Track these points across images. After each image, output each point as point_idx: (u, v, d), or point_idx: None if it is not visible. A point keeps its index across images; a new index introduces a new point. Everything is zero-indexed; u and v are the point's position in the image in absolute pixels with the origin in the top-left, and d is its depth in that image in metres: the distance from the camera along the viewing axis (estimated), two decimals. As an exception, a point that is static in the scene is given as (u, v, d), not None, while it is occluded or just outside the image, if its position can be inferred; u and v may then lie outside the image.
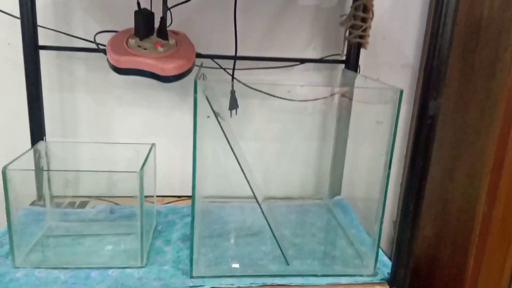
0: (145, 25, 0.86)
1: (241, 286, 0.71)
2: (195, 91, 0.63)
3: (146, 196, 0.88)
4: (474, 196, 0.83)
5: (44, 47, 0.92)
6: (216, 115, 0.70)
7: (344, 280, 0.74)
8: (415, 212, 0.68)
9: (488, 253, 0.83)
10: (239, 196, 1.03)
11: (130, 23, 0.86)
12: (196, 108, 0.64)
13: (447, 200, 0.90)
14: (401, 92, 0.67)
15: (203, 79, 0.77)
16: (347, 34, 0.97)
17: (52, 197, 0.88)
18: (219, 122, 0.69)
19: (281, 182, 1.07)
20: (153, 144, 0.85)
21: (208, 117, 0.70)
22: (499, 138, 0.77)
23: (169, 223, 0.90)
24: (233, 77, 0.97)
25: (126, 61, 0.83)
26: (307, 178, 1.10)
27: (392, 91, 0.69)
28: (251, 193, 0.94)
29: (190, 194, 1.08)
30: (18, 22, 0.87)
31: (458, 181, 0.87)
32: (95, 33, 0.90)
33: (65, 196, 0.97)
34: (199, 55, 0.93)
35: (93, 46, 0.92)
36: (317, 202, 1.06)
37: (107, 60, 0.85)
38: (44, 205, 0.88)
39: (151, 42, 0.86)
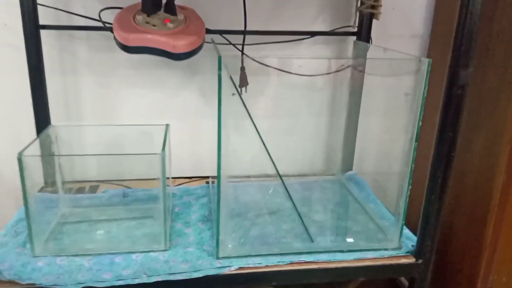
0: (152, 0, 0.82)
1: (268, 265, 0.70)
2: (220, 68, 0.61)
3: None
4: (492, 166, 0.82)
5: (45, 27, 0.87)
6: (239, 92, 0.68)
7: (370, 254, 0.74)
8: (443, 184, 0.68)
9: (506, 222, 0.84)
10: (252, 175, 1.01)
11: (134, -1, 0.82)
12: (220, 86, 0.62)
13: (464, 169, 0.90)
14: (429, 62, 0.65)
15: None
16: (359, 4, 0.95)
17: (64, 183, 0.85)
18: (242, 100, 0.67)
19: (293, 159, 1.06)
20: (167, 125, 0.82)
21: (233, 94, 0.67)
22: (520, 107, 0.77)
23: (185, 204, 0.89)
24: (242, 53, 0.94)
25: (135, 39, 0.79)
26: (319, 154, 1.09)
27: (419, 61, 0.67)
28: (264, 172, 0.93)
29: (200, 174, 1.07)
30: (14, 2, 0.82)
31: (476, 151, 0.87)
32: (95, 11, 0.86)
33: (74, 181, 0.95)
34: (207, 31, 0.90)
35: (96, 24, 0.88)
36: (330, 178, 1.05)
37: (114, 38, 0.81)
38: (54, 192, 0.85)
39: (159, 18, 0.82)
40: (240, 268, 0.69)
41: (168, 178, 0.85)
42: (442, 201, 0.69)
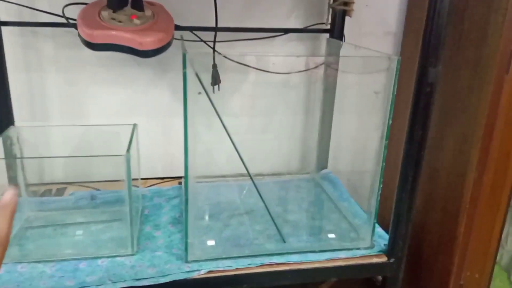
0: (119, -5, 0.79)
1: (239, 267, 0.68)
2: (184, 66, 0.59)
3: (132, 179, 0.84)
4: (464, 162, 0.83)
5: (6, 23, 0.84)
6: (206, 90, 0.66)
7: (342, 254, 0.73)
8: (413, 182, 0.67)
9: (478, 219, 0.84)
10: (224, 175, 0.99)
11: (100, -6, 0.79)
12: (185, 84, 0.60)
13: (436, 166, 0.90)
14: (399, 60, 0.64)
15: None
16: (331, 1, 0.94)
17: (27, 186, 0.82)
18: (210, 99, 0.65)
19: (268, 158, 1.05)
20: (134, 125, 0.80)
21: (200, 93, 0.66)
22: (490, 104, 0.77)
23: (155, 206, 0.86)
24: (214, 50, 0.92)
25: (100, 36, 0.76)
26: (293, 153, 1.08)
27: (389, 59, 0.66)
28: (237, 171, 0.91)
29: (173, 175, 1.05)
30: (-26, -4, 0.78)
31: (448, 148, 0.87)
32: (61, 6, 0.83)
33: (40, 184, 0.91)
34: (177, 27, 0.87)
35: (61, 20, 0.84)
36: (304, 177, 1.04)
37: (79, 35, 0.78)
38: (19, 195, 0.81)
39: (125, 14, 0.79)
40: (210, 271, 0.67)
41: (136, 179, 0.83)
42: (413, 200, 0.69)
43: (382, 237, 0.78)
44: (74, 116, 0.97)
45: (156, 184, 0.98)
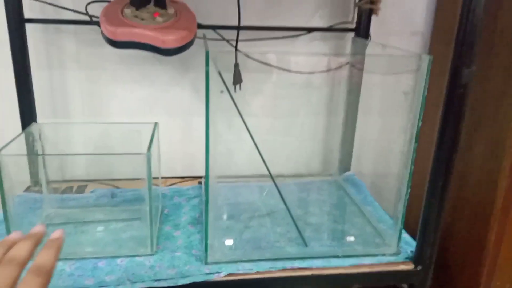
0: (142, -7, 0.79)
1: (259, 271, 0.66)
2: (207, 63, 0.57)
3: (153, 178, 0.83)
4: (496, 168, 0.79)
5: (30, 20, 0.84)
6: (228, 89, 0.64)
7: (366, 260, 0.70)
8: (443, 188, 0.65)
9: (510, 226, 0.80)
10: (245, 175, 0.98)
11: (124, -8, 0.78)
12: (208, 82, 0.58)
13: (465, 172, 0.87)
14: (431, 59, 0.62)
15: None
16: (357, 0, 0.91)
17: (48, 182, 0.81)
18: (232, 97, 0.63)
19: (289, 159, 1.03)
20: (156, 123, 0.79)
21: (222, 92, 0.64)
22: (525, 107, 0.74)
23: (175, 206, 0.85)
24: (236, 49, 0.91)
25: (123, 33, 0.76)
26: (316, 154, 1.06)
27: (419, 58, 0.64)
28: (258, 172, 0.89)
29: (193, 174, 1.03)
30: (-1, -7, 0.79)
31: (478, 153, 0.83)
32: (84, 4, 0.83)
33: (62, 181, 0.91)
34: (199, 26, 0.86)
35: (84, 18, 0.84)
36: (327, 179, 1.02)
37: (101, 33, 0.78)
38: (40, 191, 0.82)
39: (148, 12, 0.79)
40: (230, 274, 0.65)
41: (156, 178, 0.82)
42: (442, 206, 0.66)
43: (409, 244, 0.75)
44: (96, 114, 0.97)
45: (176, 183, 0.97)
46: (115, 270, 0.65)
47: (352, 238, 0.76)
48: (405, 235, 0.77)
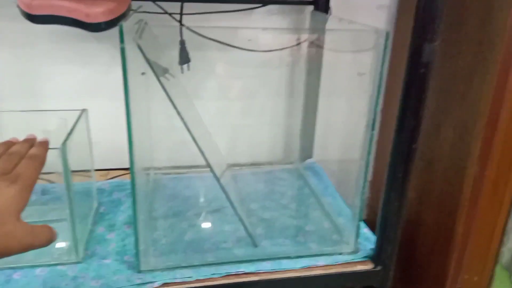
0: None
1: (200, 278, 0.59)
2: (121, 40, 0.48)
3: (82, 171, 0.74)
4: (464, 155, 0.72)
5: None
6: (157, 69, 0.55)
7: (321, 261, 0.63)
8: (403, 179, 0.57)
9: (479, 217, 0.74)
10: (198, 165, 0.89)
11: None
12: (124, 63, 0.49)
13: (432, 158, 0.80)
14: (387, 34, 0.53)
15: (141, 26, 0.61)
16: (316, -32, 0.82)
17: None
18: (158, 79, 0.54)
19: (246, 146, 0.94)
20: (83, 110, 0.69)
21: (143, 73, 0.55)
22: (496, 89, 0.66)
23: (113, 202, 0.77)
24: (181, 24, 0.81)
25: (40, 6, 0.65)
26: (275, 140, 0.98)
27: (375, 33, 0.55)
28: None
29: (141, 165, 0.94)
30: None
31: (446, 138, 0.77)
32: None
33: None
34: (138, -3, 0.76)
35: (2, -12, 0.73)
36: (287, 167, 0.94)
37: (17, 6, 0.67)
38: None
39: (73, -19, 0.68)
40: (165, 284, 0.57)
41: (88, 170, 0.73)
42: (402, 200, 0.59)
43: (369, 240, 0.68)
44: (27, 98, 0.86)
45: (120, 175, 0.88)
46: (32, 282, 0.57)
47: (311, 238, 0.68)
48: (366, 230, 0.70)
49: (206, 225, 0.71)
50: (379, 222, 0.61)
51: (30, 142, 0.50)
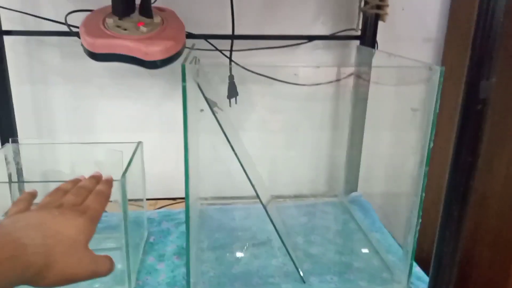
0: (125, 0, 0.72)
1: (249, 313, 0.59)
2: (183, 79, 0.50)
3: (134, 200, 0.76)
4: (520, 191, 0.70)
5: (9, 32, 0.78)
6: (212, 105, 0.57)
7: (372, 299, 0.62)
8: (459, 219, 0.56)
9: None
10: (243, 196, 0.90)
11: (107, 1, 0.72)
12: (185, 99, 0.51)
13: (485, 193, 0.78)
14: (442, 70, 0.53)
15: (195, 63, 0.64)
16: (362, 4, 0.83)
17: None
18: (214, 115, 0.56)
19: (290, 178, 0.95)
20: (139, 143, 0.72)
21: (202, 110, 0.57)
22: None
23: (163, 232, 0.78)
24: (231, 60, 0.84)
25: (102, 45, 0.69)
26: (319, 173, 0.97)
27: (429, 69, 0.55)
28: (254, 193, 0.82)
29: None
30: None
31: (498, 172, 0.74)
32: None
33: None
34: (189, 35, 0.80)
35: (66, 28, 0.78)
36: (331, 200, 0.93)
37: (81, 45, 0.72)
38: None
39: (132, 21, 0.72)
40: (215, 318, 0.58)
41: (140, 200, 0.75)
42: (458, 239, 0.57)
43: (421, 280, 0.66)
44: (82, 132, 0.91)
45: (168, 205, 0.90)
46: (86, 311, 0.58)
47: (361, 275, 0.67)
48: (417, 269, 0.68)
49: (253, 258, 0.71)
50: (433, 262, 0.59)
51: (97, 178, 0.54)
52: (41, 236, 0.39)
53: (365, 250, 0.74)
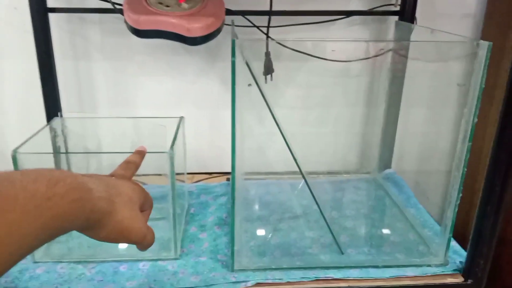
0: (166, -23, 0.73)
1: (290, 281, 0.61)
2: (233, 54, 0.51)
3: (176, 174, 0.79)
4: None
5: (54, 10, 0.81)
6: (256, 81, 0.58)
7: (409, 271, 0.63)
8: (501, 194, 0.56)
9: None
10: (277, 172, 0.92)
11: (149, -23, 0.73)
12: (234, 74, 0.53)
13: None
14: (490, 46, 0.53)
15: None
16: (402, -21, 0.82)
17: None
18: (261, 91, 0.58)
19: (325, 155, 0.96)
20: (181, 118, 0.74)
21: (250, 85, 0.58)
22: None
23: (202, 204, 0.81)
24: (268, 36, 0.85)
25: (146, 22, 0.71)
26: (353, 150, 0.98)
27: (476, 45, 0.55)
28: (290, 168, 0.83)
29: (221, 170, 0.99)
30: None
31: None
32: (109, -9, 0.78)
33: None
34: (228, 12, 0.80)
35: (108, 6, 0.80)
36: (364, 177, 0.94)
37: (125, 21, 0.74)
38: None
39: (174, -2, 0.74)
40: (258, 284, 0.60)
41: (182, 174, 0.78)
42: (499, 214, 0.58)
43: (458, 253, 0.67)
44: (122, 106, 0.93)
45: (204, 179, 0.93)
46: (136, 275, 0.62)
47: (398, 248, 0.68)
48: (453, 243, 0.69)
49: (291, 230, 0.73)
50: (472, 235, 0.60)
51: (142, 154, 0.58)
52: (105, 185, 0.39)
53: (400, 225, 0.75)
